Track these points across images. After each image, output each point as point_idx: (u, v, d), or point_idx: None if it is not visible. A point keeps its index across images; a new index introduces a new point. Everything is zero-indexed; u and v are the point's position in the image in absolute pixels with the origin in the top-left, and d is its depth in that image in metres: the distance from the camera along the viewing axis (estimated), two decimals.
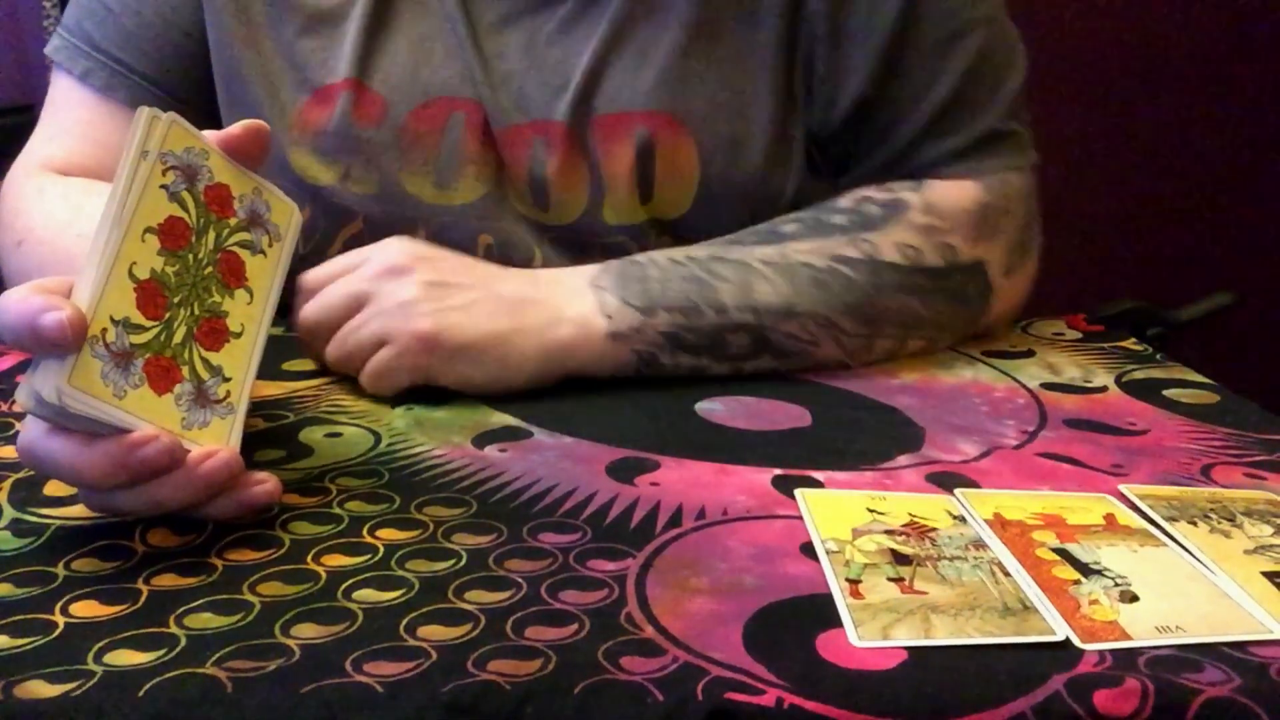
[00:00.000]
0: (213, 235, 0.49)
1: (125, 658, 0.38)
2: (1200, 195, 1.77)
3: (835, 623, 0.41)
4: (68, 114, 0.74)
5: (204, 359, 0.48)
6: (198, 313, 0.48)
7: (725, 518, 0.49)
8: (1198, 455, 0.58)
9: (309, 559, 0.45)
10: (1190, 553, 0.47)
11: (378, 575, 0.44)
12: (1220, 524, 0.50)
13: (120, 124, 0.73)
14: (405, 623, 0.40)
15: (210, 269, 0.49)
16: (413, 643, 0.39)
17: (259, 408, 0.60)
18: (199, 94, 0.74)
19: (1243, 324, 1.39)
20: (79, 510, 0.48)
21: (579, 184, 0.72)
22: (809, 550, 0.46)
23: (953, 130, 0.72)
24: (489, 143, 0.72)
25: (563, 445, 0.57)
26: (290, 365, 0.67)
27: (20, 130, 0.77)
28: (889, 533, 0.48)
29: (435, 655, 0.38)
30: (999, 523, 0.49)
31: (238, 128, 0.51)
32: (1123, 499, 0.52)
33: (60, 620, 0.40)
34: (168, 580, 0.43)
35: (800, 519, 0.49)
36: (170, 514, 0.46)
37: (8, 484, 0.51)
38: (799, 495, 0.51)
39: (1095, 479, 0.55)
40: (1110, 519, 0.50)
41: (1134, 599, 0.43)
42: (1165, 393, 0.67)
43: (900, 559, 0.46)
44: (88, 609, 0.41)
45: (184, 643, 0.39)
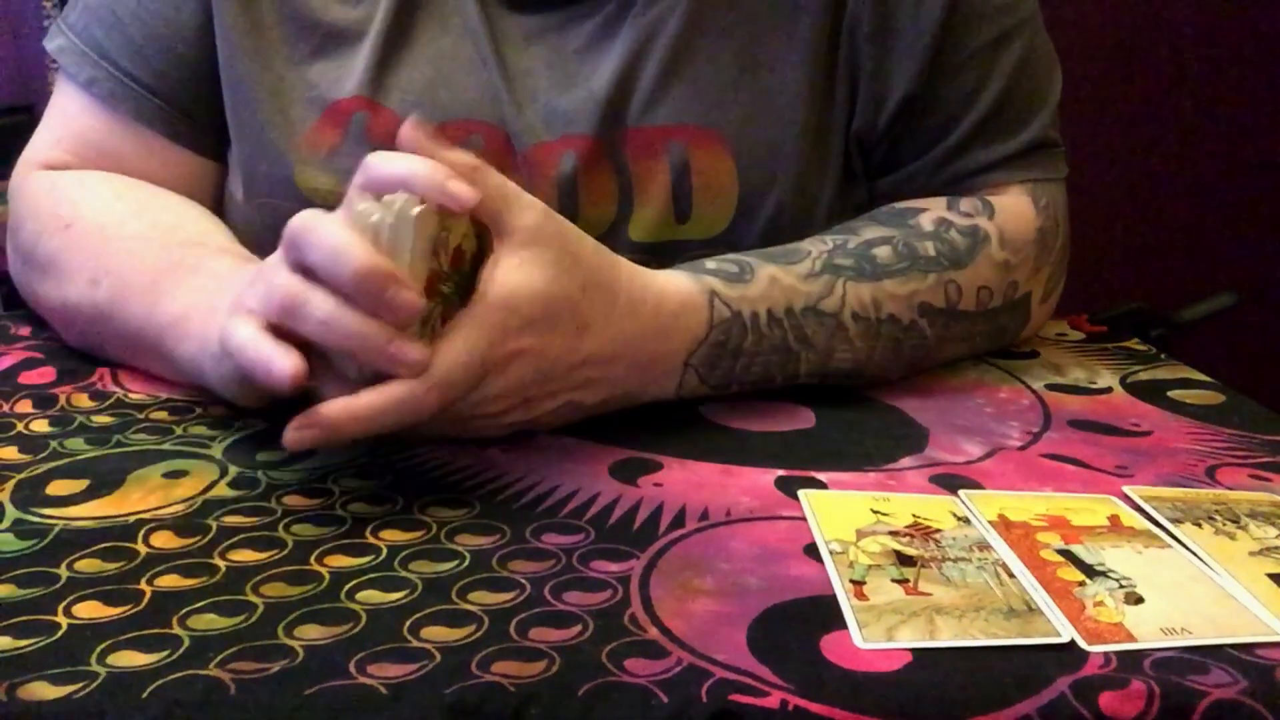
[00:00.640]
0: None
1: (128, 659, 0.38)
2: (1201, 195, 1.78)
3: (840, 624, 0.41)
4: (71, 120, 0.73)
5: None
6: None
7: (729, 519, 0.49)
8: (1202, 456, 0.58)
9: (312, 560, 0.45)
10: (1195, 554, 0.47)
11: (381, 576, 0.44)
12: (1225, 526, 0.50)
13: (123, 134, 0.72)
14: (408, 624, 0.40)
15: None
16: (416, 644, 0.39)
17: (260, 409, 0.60)
18: (205, 108, 0.72)
19: (1245, 324, 1.39)
20: (82, 511, 0.48)
21: (607, 199, 0.70)
22: (813, 551, 0.46)
23: (1003, 134, 0.70)
24: (507, 167, 0.69)
25: (566, 446, 0.57)
26: None
27: (20, 130, 0.77)
28: (893, 534, 0.48)
29: (439, 657, 0.38)
30: (1003, 524, 0.49)
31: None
32: (1127, 500, 0.52)
33: (63, 621, 0.40)
34: (171, 581, 0.43)
35: (804, 520, 0.49)
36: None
37: (10, 485, 0.51)
38: (803, 496, 0.51)
39: (1100, 480, 0.55)
40: (1115, 520, 0.50)
41: (1139, 601, 0.43)
42: (1170, 394, 0.67)
43: (904, 560, 0.45)
44: (91, 610, 0.41)
45: (187, 644, 0.39)
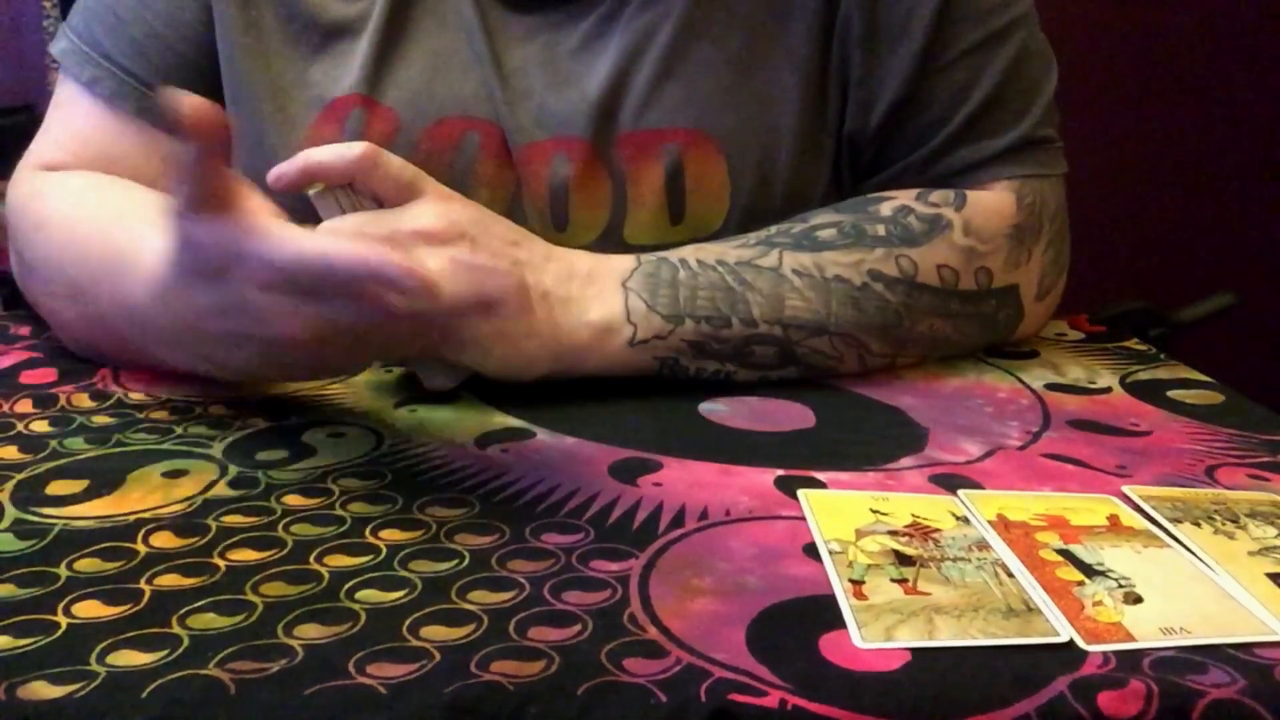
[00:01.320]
0: None
1: (128, 658, 0.38)
2: (1201, 195, 1.77)
3: (838, 624, 0.41)
4: (73, 120, 0.73)
5: None
6: None
7: (728, 518, 0.49)
8: (1202, 456, 0.58)
9: (311, 559, 0.45)
10: (1194, 554, 0.47)
11: (380, 576, 0.44)
12: (1224, 525, 0.50)
13: (125, 133, 0.72)
14: (408, 623, 0.40)
15: None
16: (415, 643, 0.39)
17: (261, 408, 0.60)
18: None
19: (1244, 324, 1.39)
20: (82, 511, 0.48)
21: (600, 202, 0.70)
22: (812, 551, 0.46)
23: (992, 132, 0.70)
24: (504, 165, 0.70)
25: (565, 446, 0.57)
26: None
27: (20, 130, 0.77)
28: (892, 534, 0.48)
29: (438, 656, 0.38)
30: (1002, 524, 0.49)
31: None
32: (1126, 500, 0.52)
33: (63, 621, 0.40)
34: (170, 581, 0.43)
35: (803, 520, 0.49)
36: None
37: (10, 484, 0.51)
38: (802, 496, 0.51)
39: (1099, 480, 0.55)
40: (1114, 520, 0.50)
41: (1138, 600, 0.43)
42: (1169, 393, 0.67)
43: (903, 560, 0.46)
44: (90, 609, 0.41)
45: (187, 643, 0.39)
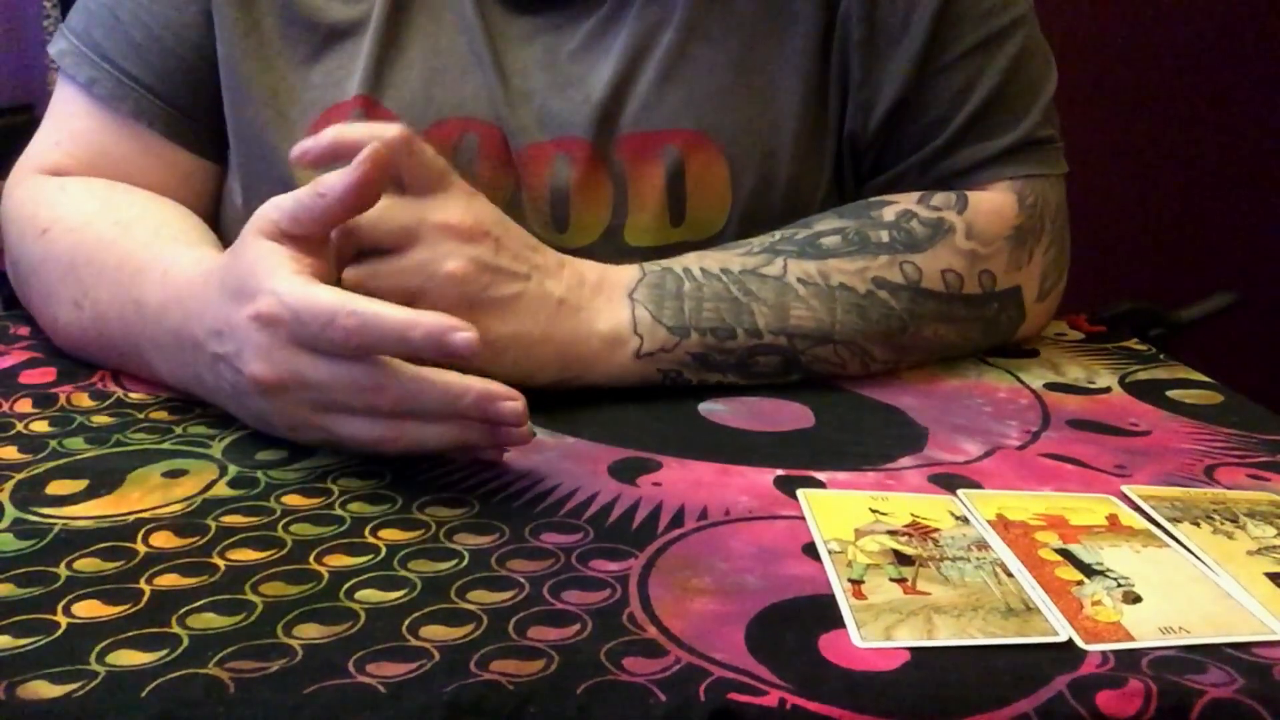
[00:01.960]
0: None
1: (128, 658, 0.38)
2: (1200, 195, 1.77)
3: (838, 623, 0.41)
4: (70, 121, 0.73)
5: None
6: None
7: (727, 518, 0.49)
8: (1201, 456, 0.58)
9: (311, 559, 0.45)
10: (1193, 554, 0.47)
11: (380, 575, 0.44)
12: (1223, 525, 0.50)
13: (123, 135, 0.72)
14: (407, 623, 0.40)
15: None
16: (415, 643, 0.39)
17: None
18: (205, 109, 0.72)
19: (1244, 324, 1.39)
20: (81, 510, 0.48)
21: (601, 204, 0.70)
22: (811, 551, 0.46)
23: (992, 133, 0.70)
24: (504, 167, 0.70)
25: (565, 445, 0.57)
26: None
27: (20, 130, 0.76)
28: (891, 533, 0.48)
29: (437, 655, 0.38)
30: (1001, 523, 0.49)
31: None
32: (1126, 500, 0.52)
33: (63, 620, 0.40)
34: (170, 580, 0.43)
35: (802, 519, 0.49)
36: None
37: (10, 485, 0.51)
38: (801, 496, 0.51)
39: (1098, 480, 0.55)
40: (1113, 520, 0.50)
41: (1137, 600, 0.43)
42: (1168, 393, 0.67)
43: (903, 559, 0.46)
44: (90, 609, 0.41)
45: (186, 643, 0.39)
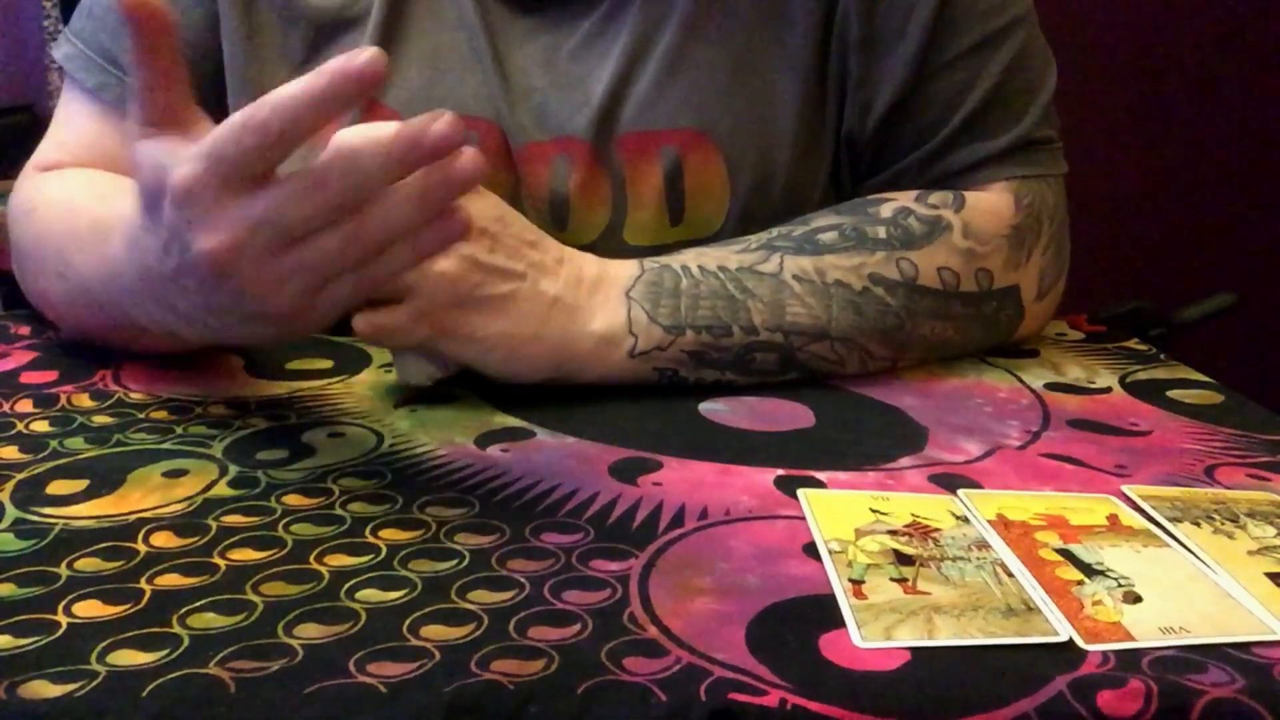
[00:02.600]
0: None
1: (128, 658, 0.38)
2: (1200, 195, 1.78)
3: (838, 623, 0.41)
4: (77, 125, 0.73)
5: None
6: None
7: (728, 518, 0.49)
8: (1201, 456, 0.58)
9: (311, 559, 0.45)
10: (1193, 554, 0.47)
11: (380, 575, 0.44)
12: (1223, 525, 0.50)
13: (131, 139, 0.72)
14: (408, 623, 0.40)
15: None
16: (415, 643, 0.39)
17: (261, 408, 0.60)
18: (212, 111, 0.72)
19: (1244, 324, 1.39)
20: (82, 510, 0.48)
21: (600, 203, 0.70)
22: (812, 550, 0.46)
23: (991, 133, 0.70)
24: (503, 164, 0.70)
25: (565, 445, 0.57)
26: (293, 365, 0.67)
27: (20, 130, 0.77)
28: (892, 533, 0.48)
29: (438, 655, 0.38)
30: (1002, 523, 0.49)
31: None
32: (1126, 500, 0.52)
33: (63, 620, 0.40)
34: (170, 580, 0.43)
35: (803, 519, 0.49)
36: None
37: (10, 484, 0.51)
38: (802, 495, 0.51)
39: (1098, 479, 0.55)
40: (1113, 520, 0.50)
41: (1137, 600, 0.43)
42: (1169, 393, 0.67)
43: (903, 559, 0.46)
44: (90, 609, 0.41)
45: (187, 643, 0.39)
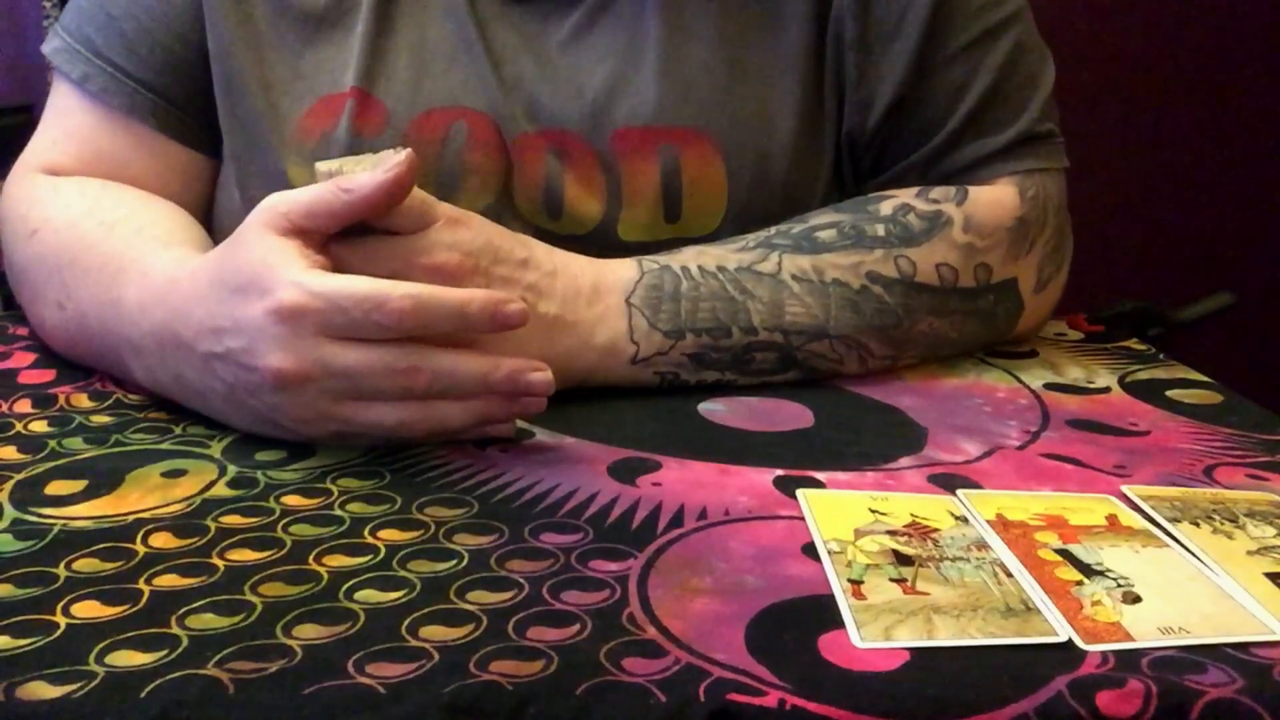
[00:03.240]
0: None
1: (127, 658, 0.38)
2: (1200, 195, 1.77)
3: (837, 623, 0.41)
4: (66, 119, 0.73)
5: None
6: None
7: (727, 518, 0.49)
8: (1200, 456, 0.58)
9: (310, 560, 0.45)
10: (1193, 554, 0.47)
11: (379, 576, 0.44)
12: (1223, 525, 0.50)
13: (117, 130, 0.72)
14: (407, 623, 0.40)
15: None
16: (414, 643, 0.39)
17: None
18: (199, 103, 0.72)
19: (1243, 324, 1.39)
20: (81, 511, 0.48)
21: (594, 198, 0.70)
22: (811, 551, 0.46)
23: (992, 129, 0.70)
24: (494, 152, 0.70)
25: (564, 445, 0.57)
26: None
27: (20, 130, 0.76)
28: (891, 533, 0.48)
29: (437, 656, 0.38)
30: (1001, 523, 0.49)
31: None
32: (1125, 500, 0.52)
33: (62, 621, 0.40)
34: (169, 581, 0.43)
35: (802, 519, 0.49)
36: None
37: (9, 485, 0.51)
38: (801, 496, 0.51)
39: (1098, 480, 0.55)
40: (1113, 520, 0.50)
41: (1136, 600, 0.43)
42: (1168, 393, 0.67)
43: (902, 560, 0.46)
44: (89, 610, 0.41)
45: (185, 644, 0.39)
